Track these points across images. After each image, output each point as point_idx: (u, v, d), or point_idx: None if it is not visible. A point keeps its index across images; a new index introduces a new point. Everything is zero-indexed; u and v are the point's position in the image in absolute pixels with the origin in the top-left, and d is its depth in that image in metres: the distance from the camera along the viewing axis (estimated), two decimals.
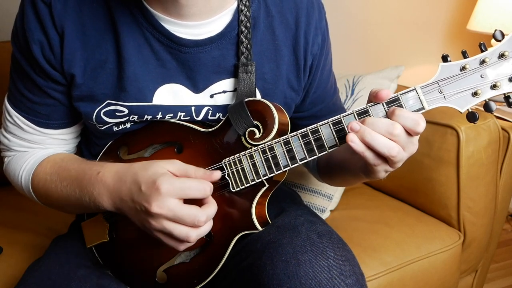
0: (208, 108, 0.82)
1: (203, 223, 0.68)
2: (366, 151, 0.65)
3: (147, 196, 0.66)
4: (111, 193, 0.72)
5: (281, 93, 0.85)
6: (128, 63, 0.76)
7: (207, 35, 0.78)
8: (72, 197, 0.78)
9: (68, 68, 0.76)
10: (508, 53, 0.63)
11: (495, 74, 0.64)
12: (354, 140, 0.64)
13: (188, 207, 0.67)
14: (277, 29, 0.82)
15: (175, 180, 0.67)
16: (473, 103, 0.66)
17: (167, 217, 0.66)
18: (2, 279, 0.97)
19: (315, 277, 0.66)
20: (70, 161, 0.82)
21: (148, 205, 0.66)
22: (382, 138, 0.64)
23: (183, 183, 0.67)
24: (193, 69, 0.79)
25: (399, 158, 0.65)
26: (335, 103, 0.96)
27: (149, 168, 0.69)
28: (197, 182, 0.69)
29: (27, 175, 0.85)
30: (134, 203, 0.68)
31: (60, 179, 0.80)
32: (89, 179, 0.74)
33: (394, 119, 0.64)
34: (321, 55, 0.87)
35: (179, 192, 0.67)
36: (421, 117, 0.64)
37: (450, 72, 0.65)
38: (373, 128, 0.64)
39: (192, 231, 0.68)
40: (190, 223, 0.67)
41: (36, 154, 0.86)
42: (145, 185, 0.67)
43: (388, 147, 0.64)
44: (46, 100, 0.81)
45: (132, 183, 0.69)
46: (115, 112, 0.79)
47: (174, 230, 0.67)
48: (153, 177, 0.67)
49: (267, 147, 0.74)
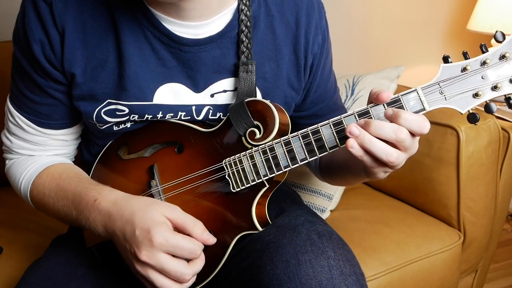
0: (209, 108, 0.82)
1: (188, 281, 0.68)
2: (364, 156, 0.65)
3: (138, 242, 0.66)
4: (106, 223, 0.72)
5: (281, 92, 0.85)
6: (128, 62, 0.76)
7: (208, 34, 0.78)
8: (69, 216, 0.79)
9: (69, 68, 0.76)
10: (509, 55, 0.63)
11: (496, 75, 0.64)
12: (354, 146, 0.64)
13: (177, 263, 0.67)
14: (277, 28, 0.82)
15: (170, 236, 0.67)
16: (474, 104, 0.65)
17: (154, 267, 0.67)
18: (2, 279, 0.97)
19: (315, 277, 0.66)
20: (68, 180, 0.81)
21: (138, 251, 0.66)
22: (380, 144, 0.64)
23: (176, 242, 0.67)
24: (194, 68, 0.79)
25: (398, 162, 0.65)
26: (335, 102, 0.96)
27: (147, 212, 0.68)
28: (190, 243, 0.68)
29: (26, 184, 0.85)
30: (126, 241, 0.69)
31: (57, 197, 0.80)
32: (85, 204, 0.74)
33: (400, 122, 0.63)
34: (322, 55, 0.87)
35: (170, 249, 0.67)
36: (425, 119, 0.64)
37: (451, 73, 0.65)
38: (379, 132, 0.63)
39: (175, 285, 0.68)
40: (175, 278, 0.67)
41: (36, 162, 0.86)
42: (139, 230, 0.67)
43: (387, 153, 0.64)
44: (47, 100, 0.81)
45: (127, 223, 0.69)
46: (116, 112, 0.79)
47: (157, 281, 0.67)
48: (149, 225, 0.67)
49: (268, 148, 0.74)
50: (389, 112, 0.64)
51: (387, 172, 0.70)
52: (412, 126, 0.63)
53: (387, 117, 0.65)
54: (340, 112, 0.90)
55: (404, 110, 0.65)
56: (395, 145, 0.64)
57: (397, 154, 0.64)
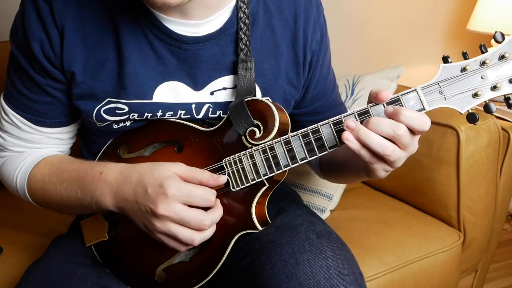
0: (209, 106, 0.82)
1: (208, 227, 0.69)
2: (361, 150, 0.65)
3: (153, 198, 0.67)
4: (115, 192, 0.72)
5: (280, 89, 0.85)
6: (128, 61, 0.76)
7: (207, 32, 0.78)
8: (73, 197, 0.77)
9: (68, 66, 0.76)
10: (508, 55, 0.63)
11: (495, 75, 0.64)
12: (349, 138, 0.65)
13: (195, 211, 0.68)
14: (276, 25, 0.82)
15: (182, 185, 0.68)
16: (474, 104, 0.66)
17: (173, 219, 0.67)
18: (2, 279, 0.97)
19: (313, 277, 0.66)
20: (69, 162, 0.82)
21: (155, 206, 0.67)
22: (376, 137, 0.64)
23: (189, 190, 0.68)
24: (193, 66, 0.79)
25: (395, 157, 0.65)
26: (335, 99, 0.96)
27: (155, 171, 0.69)
28: (203, 190, 0.69)
29: (22, 176, 0.84)
30: (139, 204, 0.69)
31: (60, 180, 0.79)
32: (91, 179, 0.74)
33: (400, 119, 0.64)
34: (320, 51, 0.87)
35: (185, 198, 0.68)
36: (426, 116, 0.64)
37: (451, 73, 0.65)
38: (377, 128, 0.64)
39: (197, 234, 0.69)
40: (195, 226, 0.68)
41: (31, 155, 0.85)
42: (151, 187, 0.67)
43: (382, 146, 0.64)
44: (45, 98, 0.81)
45: (138, 185, 0.69)
46: (116, 110, 0.79)
47: (180, 233, 0.68)
48: (160, 180, 0.67)
49: (268, 147, 0.74)
50: (390, 109, 0.65)
51: (387, 170, 0.70)
52: (413, 123, 0.63)
53: (387, 114, 0.65)
54: (339, 109, 0.89)
55: (405, 107, 0.65)
56: (393, 141, 0.65)
57: (393, 148, 0.64)
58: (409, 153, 0.67)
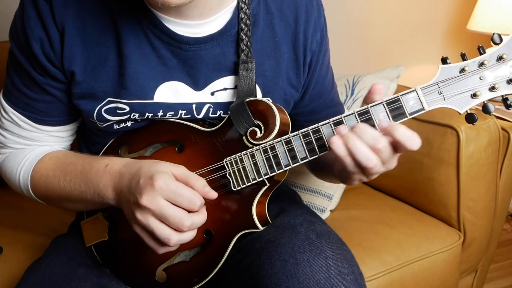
0: (209, 106, 0.83)
1: (187, 229, 0.67)
2: (346, 157, 0.66)
3: (141, 189, 0.67)
4: (115, 184, 0.72)
5: (281, 90, 0.86)
6: (129, 61, 0.76)
7: (208, 33, 0.78)
8: (76, 191, 0.78)
9: (69, 66, 0.76)
10: (506, 56, 0.63)
11: (493, 76, 0.64)
12: (338, 143, 0.65)
13: (176, 209, 0.67)
14: (276, 26, 0.82)
15: (171, 182, 0.67)
16: (472, 105, 0.66)
17: (154, 213, 0.66)
18: (2, 279, 0.97)
19: (313, 276, 0.66)
20: (74, 157, 0.83)
21: (140, 196, 0.66)
22: (363, 147, 0.64)
23: (177, 188, 0.67)
24: (194, 66, 0.79)
25: (375, 171, 0.66)
26: (332, 99, 0.97)
27: (153, 165, 0.70)
28: (190, 192, 0.68)
29: (26, 171, 0.84)
30: (130, 194, 0.69)
31: (64, 173, 0.80)
32: (96, 171, 0.75)
33: (395, 134, 0.64)
34: (320, 52, 0.87)
35: (170, 195, 0.66)
36: (417, 135, 0.64)
37: (450, 74, 0.66)
38: (360, 135, 0.64)
39: (174, 234, 0.67)
40: (173, 224, 0.66)
41: (34, 151, 0.85)
42: (143, 178, 0.68)
43: (367, 158, 0.64)
44: (45, 97, 0.81)
45: (134, 176, 0.70)
46: (116, 110, 0.79)
47: (157, 229, 0.66)
48: (153, 172, 0.67)
49: (269, 146, 0.74)
50: (384, 124, 0.65)
51: (362, 181, 0.72)
52: (406, 142, 0.63)
53: (381, 127, 0.66)
54: (337, 109, 0.90)
55: (401, 125, 0.65)
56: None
57: (376, 161, 0.65)
58: (386, 168, 0.68)
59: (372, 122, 0.67)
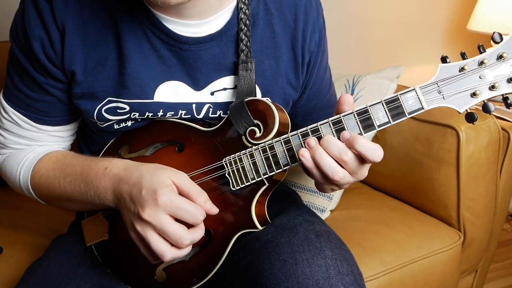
0: (209, 106, 0.83)
1: (185, 246, 0.68)
2: (314, 169, 0.68)
3: (143, 202, 0.66)
4: (115, 187, 0.72)
5: (280, 89, 0.86)
6: (129, 60, 0.76)
7: (207, 33, 0.78)
8: (76, 192, 0.78)
9: (69, 65, 0.76)
10: (506, 55, 0.63)
11: (493, 75, 0.64)
12: (305, 155, 0.68)
13: (178, 226, 0.67)
14: (276, 26, 0.83)
15: (174, 197, 0.67)
16: (472, 104, 0.66)
17: (155, 228, 0.66)
18: (2, 279, 0.97)
19: (312, 276, 0.66)
20: (74, 158, 0.82)
21: (142, 210, 0.66)
22: (329, 160, 0.67)
23: (181, 203, 0.67)
24: (194, 66, 0.80)
25: (343, 182, 0.68)
26: (329, 99, 0.97)
27: (155, 175, 0.69)
28: (193, 207, 0.68)
29: (26, 171, 0.84)
30: (131, 202, 0.69)
31: (64, 174, 0.80)
32: (95, 174, 0.75)
33: (356, 147, 0.65)
34: (318, 52, 0.88)
35: (174, 210, 0.66)
36: (380, 148, 0.66)
37: (449, 73, 0.66)
38: (327, 147, 0.67)
39: (169, 250, 0.67)
40: (173, 241, 0.67)
41: (34, 151, 0.85)
42: (145, 190, 0.67)
43: (332, 170, 0.67)
44: (45, 97, 0.81)
45: (135, 185, 0.69)
46: (117, 109, 0.80)
47: (154, 243, 0.66)
48: (156, 186, 0.67)
49: (268, 146, 0.74)
50: (346, 135, 0.67)
51: (334, 190, 0.74)
52: (366, 153, 0.65)
53: (343, 139, 0.67)
54: (333, 109, 0.91)
55: (361, 136, 0.67)
56: (341, 165, 0.67)
57: (343, 174, 0.67)
58: (356, 178, 0.69)
59: (371, 122, 0.68)
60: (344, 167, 0.67)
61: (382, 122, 0.68)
